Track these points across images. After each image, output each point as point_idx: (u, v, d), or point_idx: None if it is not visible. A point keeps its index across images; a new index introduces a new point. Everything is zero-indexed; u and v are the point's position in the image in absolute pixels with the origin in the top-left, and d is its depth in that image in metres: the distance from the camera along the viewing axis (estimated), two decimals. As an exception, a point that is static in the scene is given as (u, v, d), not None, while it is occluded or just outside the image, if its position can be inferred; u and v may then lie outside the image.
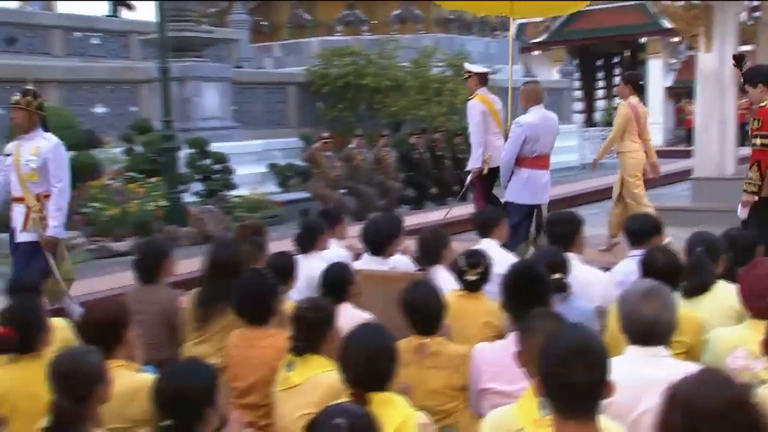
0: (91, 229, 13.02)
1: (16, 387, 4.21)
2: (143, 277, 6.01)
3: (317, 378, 4.18)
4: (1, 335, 4.33)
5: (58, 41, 18.71)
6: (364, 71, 19.59)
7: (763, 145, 7.75)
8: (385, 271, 6.46)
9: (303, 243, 6.84)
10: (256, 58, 24.86)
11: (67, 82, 16.51)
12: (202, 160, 15.52)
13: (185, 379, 3.32)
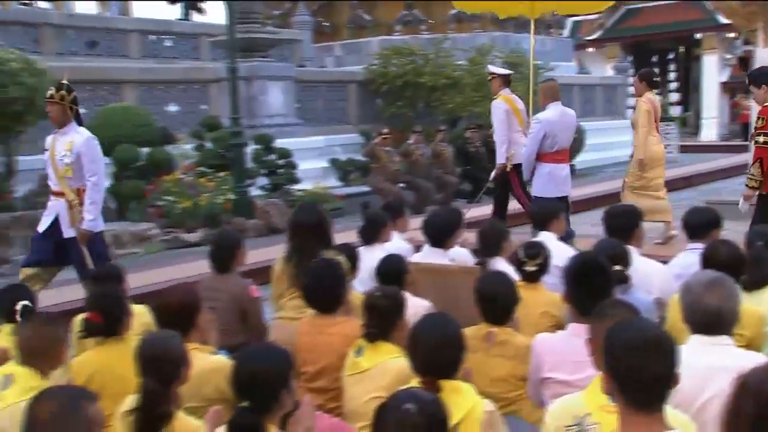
0: (165, 220, 13.20)
1: (103, 368, 4.29)
2: (217, 266, 6.05)
3: (386, 364, 4.19)
4: (89, 319, 4.43)
5: (135, 44, 18.98)
6: (422, 70, 19.55)
7: (765, 142, 7.90)
8: (441, 264, 6.44)
9: (366, 235, 6.84)
10: (317, 57, 24.96)
11: (143, 82, 16.75)
12: (268, 155, 15.64)
13: (261, 363, 3.33)
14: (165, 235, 12.94)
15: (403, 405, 2.63)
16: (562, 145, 9.66)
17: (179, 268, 10.53)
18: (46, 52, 16.79)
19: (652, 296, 5.02)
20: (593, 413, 3.09)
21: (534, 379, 4.14)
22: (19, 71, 12.28)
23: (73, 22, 19.20)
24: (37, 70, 12.70)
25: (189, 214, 13.16)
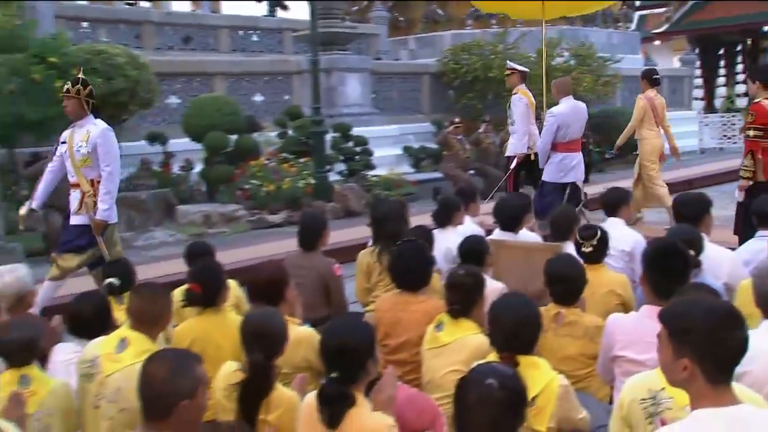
0: (251, 202, 13.36)
1: (202, 335, 4.41)
2: (304, 245, 6.14)
3: (466, 339, 4.22)
4: (190, 290, 4.56)
5: (225, 39, 19.22)
6: (491, 63, 19.42)
7: (755, 136, 8.05)
8: (523, 242, 6.47)
9: (440, 218, 6.85)
10: (393, 50, 24.94)
11: (232, 74, 16.97)
12: (345, 143, 15.75)
13: (349, 335, 3.38)
14: (251, 216, 13.11)
15: (486, 380, 2.61)
16: (573, 135, 10.03)
17: (263, 247, 10.68)
18: (147, 47, 17.12)
19: (720, 281, 4.94)
20: (667, 388, 3.05)
21: (605, 357, 4.10)
22: (124, 65, 12.55)
23: (171, 20, 19.54)
24: (139, 63, 12.99)
25: (272, 197, 13.32)
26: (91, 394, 3.98)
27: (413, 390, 3.99)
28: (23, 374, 3.92)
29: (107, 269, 5.43)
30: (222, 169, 13.99)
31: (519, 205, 7.01)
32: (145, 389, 2.95)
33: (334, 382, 3.23)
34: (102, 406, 3.93)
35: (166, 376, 2.92)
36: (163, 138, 14.40)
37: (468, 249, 5.41)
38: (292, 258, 6.22)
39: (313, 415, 3.30)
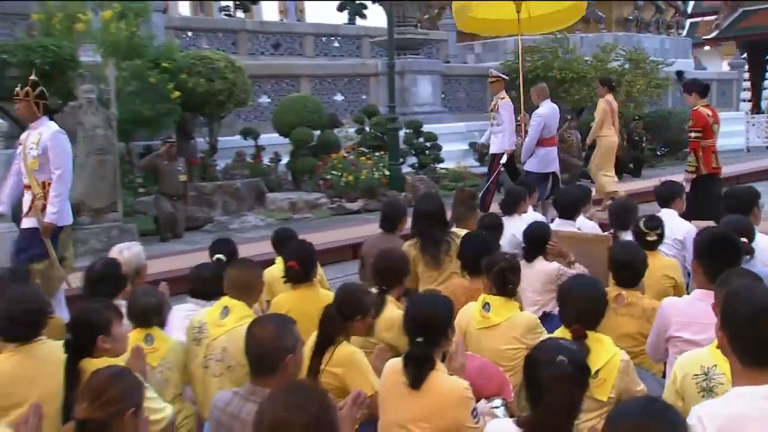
0: (332, 191, 13.45)
1: (296, 306, 4.53)
2: (385, 228, 6.25)
3: (515, 318, 4.27)
4: (290, 266, 4.70)
5: (310, 45, 19.34)
6: (551, 65, 19.25)
7: (696, 137, 8.90)
8: (576, 232, 6.46)
9: (507, 207, 6.89)
10: (460, 54, 24.78)
11: (316, 76, 17.06)
12: (417, 138, 15.77)
13: (433, 305, 3.49)
14: (331, 203, 13.20)
15: (557, 357, 2.62)
16: (552, 132, 10.84)
17: (343, 231, 10.80)
18: (242, 53, 17.35)
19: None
20: (719, 365, 3.06)
21: (657, 338, 4.06)
22: (223, 68, 12.79)
23: (262, 28, 19.73)
24: (235, 67, 13.20)
25: (351, 187, 13.41)
26: (199, 356, 4.12)
27: (483, 359, 4.02)
28: (148, 334, 4.11)
29: (215, 247, 5.55)
30: (306, 161, 14.10)
31: (578, 196, 7.02)
32: (253, 348, 3.06)
33: (420, 345, 3.30)
34: (210, 365, 4.07)
35: (272, 335, 3.03)
36: (255, 133, 14.60)
37: (532, 235, 5.45)
38: (373, 239, 6.35)
39: (395, 379, 3.36)
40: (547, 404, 2.56)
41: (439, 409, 3.26)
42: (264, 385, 2.99)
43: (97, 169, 10.30)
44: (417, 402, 3.27)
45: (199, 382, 4.13)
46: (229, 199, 12.61)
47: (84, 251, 9.81)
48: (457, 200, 6.96)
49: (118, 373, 2.84)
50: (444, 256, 5.73)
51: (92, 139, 10.29)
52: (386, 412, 3.41)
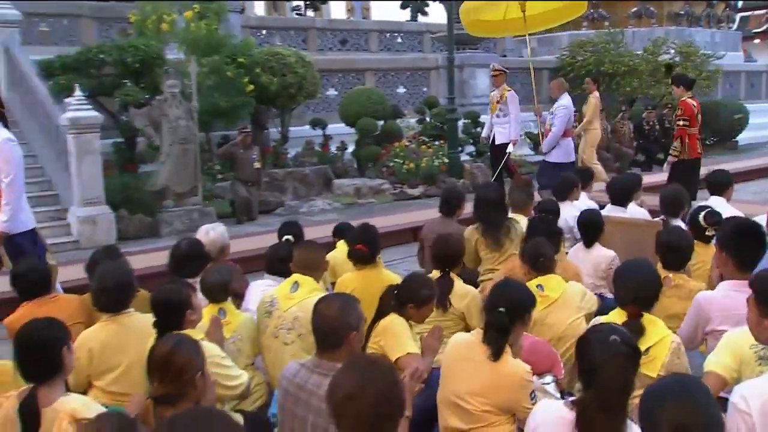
0: (394, 178, 13.44)
1: (361, 286, 4.56)
2: (445, 212, 6.24)
3: (569, 289, 4.30)
4: (358, 249, 4.74)
5: (374, 40, 19.35)
6: (603, 59, 18.98)
7: (684, 125, 9.41)
8: (627, 218, 6.36)
9: (560, 193, 6.82)
10: (516, 48, 24.47)
11: (380, 70, 17.08)
12: (475, 128, 15.65)
13: (516, 287, 3.50)
14: (394, 189, 13.20)
15: (610, 337, 2.57)
16: (572, 123, 10.81)
17: (404, 216, 10.76)
18: (311, 49, 17.45)
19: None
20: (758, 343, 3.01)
21: (695, 330, 3.93)
22: (294, 63, 12.90)
23: (331, 26, 19.79)
24: (305, 62, 13.30)
25: (412, 174, 13.39)
26: (270, 327, 4.17)
27: (536, 338, 3.98)
28: (221, 308, 4.19)
29: (283, 229, 5.62)
30: (371, 150, 14.12)
31: (630, 183, 6.90)
32: (319, 324, 3.08)
33: (502, 314, 3.26)
34: (281, 335, 4.12)
35: (338, 313, 3.04)
36: (323, 123, 14.68)
37: (585, 220, 5.39)
38: (433, 223, 6.35)
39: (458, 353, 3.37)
40: (600, 385, 2.49)
41: (498, 387, 3.24)
42: (328, 359, 3.02)
43: (180, 157, 10.50)
44: (478, 377, 3.26)
45: (270, 352, 4.18)
46: (299, 185, 12.73)
47: (168, 232, 10.04)
48: (513, 187, 6.92)
49: (175, 346, 2.87)
50: (504, 239, 5.71)
51: (175, 129, 10.49)
52: (446, 384, 3.40)
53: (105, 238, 9.72)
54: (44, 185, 10.93)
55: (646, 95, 18.62)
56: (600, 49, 19.39)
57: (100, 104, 11.57)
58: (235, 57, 12.20)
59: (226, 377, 3.56)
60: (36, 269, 4.54)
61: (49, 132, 10.91)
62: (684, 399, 2.15)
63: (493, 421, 3.24)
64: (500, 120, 11.10)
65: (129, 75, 11.74)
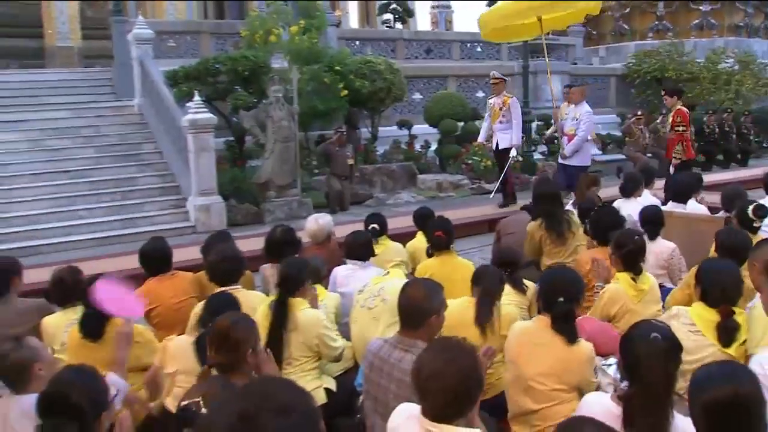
0: (472, 174, 13.29)
1: (438, 271, 4.50)
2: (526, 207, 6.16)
3: (652, 283, 4.20)
4: (437, 236, 4.72)
5: (456, 50, 19.15)
6: (667, 67, 18.38)
7: (682, 131, 9.36)
8: (690, 213, 6.13)
9: (625, 190, 6.64)
10: (586, 57, 23.89)
11: (461, 76, 16.90)
12: (547, 129, 15.33)
13: (568, 274, 3.44)
14: (472, 184, 13.05)
15: (651, 335, 2.48)
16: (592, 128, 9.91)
17: (480, 209, 10.61)
18: (399, 57, 17.39)
19: None
20: None
21: None
22: (384, 71, 12.91)
23: (417, 37, 19.67)
24: (394, 69, 13.30)
25: (489, 170, 13.18)
26: (360, 301, 4.19)
27: (602, 322, 3.92)
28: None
29: (369, 219, 5.62)
30: (451, 148, 14.03)
31: (691, 181, 6.66)
32: (406, 304, 3.06)
33: (563, 303, 3.22)
34: (366, 303, 4.12)
35: (423, 296, 3.03)
36: (409, 124, 14.66)
37: (649, 215, 5.22)
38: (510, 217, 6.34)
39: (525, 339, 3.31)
40: (643, 379, 2.41)
41: (570, 367, 3.20)
42: (409, 336, 3.01)
43: (282, 154, 10.67)
44: (549, 359, 3.21)
45: (357, 323, 4.16)
46: (387, 179, 12.74)
47: (271, 220, 10.23)
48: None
49: (234, 322, 2.86)
50: (567, 232, 5.58)
51: (279, 129, 10.66)
52: (515, 369, 3.34)
53: (217, 224, 9.97)
54: (168, 177, 11.30)
55: (707, 101, 17.97)
56: (664, 58, 18.82)
57: (215, 108, 11.87)
58: (332, 65, 12.30)
59: (329, 338, 3.69)
60: (159, 249, 4.68)
61: (173, 131, 11.26)
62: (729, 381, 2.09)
63: (563, 399, 3.18)
64: (502, 126, 10.26)
65: (240, 82, 11.98)
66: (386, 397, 2.99)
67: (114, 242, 9.55)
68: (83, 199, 10.53)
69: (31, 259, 7.98)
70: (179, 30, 15.60)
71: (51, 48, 18.31)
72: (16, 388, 2.92)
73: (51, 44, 18.33)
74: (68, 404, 2.27)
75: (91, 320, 3.57)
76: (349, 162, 11.61)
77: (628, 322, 3.87)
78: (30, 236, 9.61)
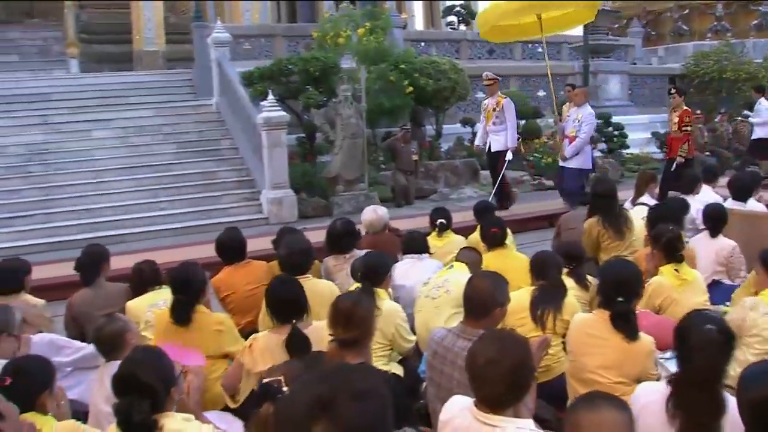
0: (534, 170, 13.13)
1: (495, 265, 4.38)
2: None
3: (696, 276, 4.13)
4: (494, 232, 4.66)
5: (518, 50, 18.85)
6: (725, 68, 17.75)
7: (690, 130, 9.33)
8: (751, 210, 5.89)
9: (685, 188, 6.43)
10: (645, 57, 23.22)
11: (522, 75, 16.71)
12: (607, 128, 14.96)
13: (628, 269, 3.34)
14: (533, 180, 12.89)
15: (704, 326, 2.44)
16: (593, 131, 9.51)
17: (541, 204, 10.53)
18: (462, 58, 17.23)
19: None
20: None
21: None
22: (448, 70, 12.82)
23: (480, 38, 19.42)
24: (457, 69, 13.18)
25: (550, 167, 12.96)
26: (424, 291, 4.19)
27: (659, 316, 3.83)
28: None
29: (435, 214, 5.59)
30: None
31: (751, 180, 6.39)
32: (472, 295, 3.04)
33: (623, 303, 3.16)
34: (431, 293, 4.12)
35: (490, 289, 3.01)
36: (471, 122, 14.47)
37: (712, 212, 5.05)
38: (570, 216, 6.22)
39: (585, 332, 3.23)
40: (694, 366, 2.38)
41: (632, 360, 3.13)
42: (473, 327, 2.98)
43: (350, 150, 10.70)
44: (611, 353, 3.14)
45: (422, 312, 4.16)
46: (450, 175, 12.61)
47: (339, 213, 10.28)
48: (640, 180, 6.58)
49: (358, 301, 2.96)
50: (625, 228, 5.43)
51: (347, 126, 10.69)
52: (577, 360, 3.28)
53: (288, 216, 10.09)
54: (243, 172, 11.50)
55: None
56: (722, 58, 18.16)
57: (288, 106, 11.99)
58: (398, 65, 12.27)
59: (405, 330, 3.75)
60: (234, 239, 4.74)
61: (248, 129, 11.45)
62: None
63: (624, 392, 3.06)
64: (496, 128, 9.77)
65: (311, 81, 12.06)
66: (450, 384, 2.98)
67: (192, 232, 9.77)
68: (165, 192, 10.82)
69: (118, 247, 8.22)
70: (254, 33, 15.81)
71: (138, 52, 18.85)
72: (109, 355, 3.15)
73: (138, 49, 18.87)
74: (139, 383, 2.36)
75: (180, 307, 3.66)
76: (414, 158, 11.59)
77: (673, 313, 3.83)
78: (117, 226, 9.92)
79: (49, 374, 2.67)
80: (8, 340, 3.20)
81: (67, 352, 3.61)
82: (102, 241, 7.57)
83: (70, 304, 4.34)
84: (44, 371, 2.65)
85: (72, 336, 4.05)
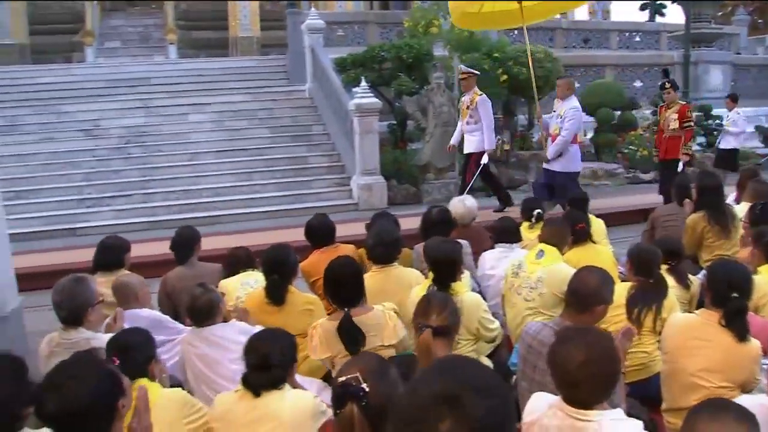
0: (628, 163, 12.72)
1: (574, 260, 4.26)
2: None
3: None
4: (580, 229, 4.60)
5: (614, 39, 18.29)
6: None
7: (692, 128, 8.76)
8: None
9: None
10: (750, 47, 22.02)
11: (618, 65, 16.26)
12: (706, 120, 14.31)
13: (740, 269, 3.20)
14: (627, 173, 12.49)
15: None
16: (580, 129, 8.53)
17: (635, 198, 10.16)
18: (557, 46, 16.84)
19: None
20: None
21: None
22: (542, 59, 12.48)
23: (575, 26, 18.94)
24: (552, 58, 12.85)
25: (645, 160, 12.53)
26: (515, 286, 4.08)
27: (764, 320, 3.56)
28: None
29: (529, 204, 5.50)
30: (607, 137, 13.45)
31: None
32: (577, 288, 2.95)
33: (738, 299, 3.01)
34: (523, 293, 4.01)
35: (597, 284, 2.91)
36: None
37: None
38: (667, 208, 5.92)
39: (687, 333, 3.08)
40: None
41: (738, 364, 2.95)
42: (571, 320, 2.89)
43: (442, 138, 10.61)
44: (716, 356, 2.96)
45: (512, 307, 4.08)
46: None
47: (429, 200, 10.24)
48: (743, 177, 6.20)
49: (446, 296, 2.97)
50: (731, 225, 5.13)
51: (439, 114, 10.61)
52: (677, 362, 3.11)
53: (378, 202, 10.12)
54: (334, 157, 11.61)
55: None
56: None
57: (380, 93, 12.00)
58: (491, 53, 12.06)
59: (488, 320, 3.65)
60: (324, 224, 4.76)
61: (340, 114, 11.53)
62: None
63: (728, 397, 2.90)
64: (470, 127, 8.76)
65: (403, 69, 12.03)
66: (544, 379, 2.87)
67: (284, 216, 9.96)
68: (259, 175, 11.06)
69: (212, 228, 8.45)
70: (347, 20, 15.93)
71: (234, 38, 19.36)
72: (203, 323, 3.33)
73: (234, 35, 19.38)
74: None
75: (274, 287, 3.73)
76: (505, 147, 11.37)
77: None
78: (213, 207, 10.23)
79: (152, 346, 2.80)
80: (97, 308, 3.37)
81: (169, 332, 3.74)
82: (196, 222, 7.81)
83: (165, 281, 4.51)
84: (147, 344, 2.75)
85: (164, 312, 4.19)
